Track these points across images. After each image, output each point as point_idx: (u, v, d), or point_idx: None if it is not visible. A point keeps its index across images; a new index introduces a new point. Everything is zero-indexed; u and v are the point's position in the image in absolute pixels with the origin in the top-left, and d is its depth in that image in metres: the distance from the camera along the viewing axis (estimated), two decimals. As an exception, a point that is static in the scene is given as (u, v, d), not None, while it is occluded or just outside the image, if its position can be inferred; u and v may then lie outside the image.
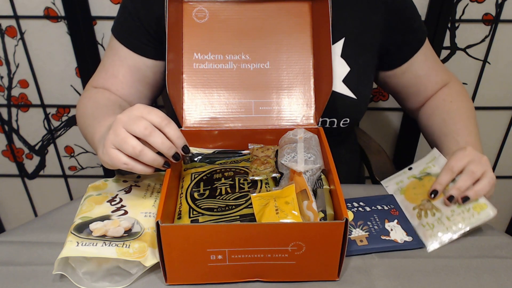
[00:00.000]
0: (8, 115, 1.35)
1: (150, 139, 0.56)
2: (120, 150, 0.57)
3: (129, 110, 0.58)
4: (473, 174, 0.66)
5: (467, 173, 0.66)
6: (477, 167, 0.67)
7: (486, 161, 0.68)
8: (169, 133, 0.58)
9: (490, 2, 1.15)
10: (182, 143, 0.60)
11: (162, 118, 0.58)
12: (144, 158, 0.57)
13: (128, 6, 0.79)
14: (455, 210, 0.66)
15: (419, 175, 0.74)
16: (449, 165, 0.68)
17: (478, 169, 0.66)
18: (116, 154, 0.57)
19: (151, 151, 0.57)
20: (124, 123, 0.56)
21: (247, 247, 0.55)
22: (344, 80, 0.79)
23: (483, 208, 0.65)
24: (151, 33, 0.78)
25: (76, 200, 0.71)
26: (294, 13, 0.75)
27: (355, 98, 0.80)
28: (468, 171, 0.67)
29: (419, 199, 0.69)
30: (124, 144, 0.56)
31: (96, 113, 0.72)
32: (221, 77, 0.74)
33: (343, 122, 0.81)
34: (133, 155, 0.56)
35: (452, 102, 0.85)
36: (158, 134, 0.57)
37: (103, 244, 0.57)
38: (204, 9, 0.75)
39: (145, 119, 0.57)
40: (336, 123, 0.81)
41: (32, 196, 1.55)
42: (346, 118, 0.81)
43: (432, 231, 0.64)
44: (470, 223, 0.64)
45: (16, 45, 1.22)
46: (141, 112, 0.57)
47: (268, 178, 0.66)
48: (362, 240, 0.64)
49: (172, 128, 0.58)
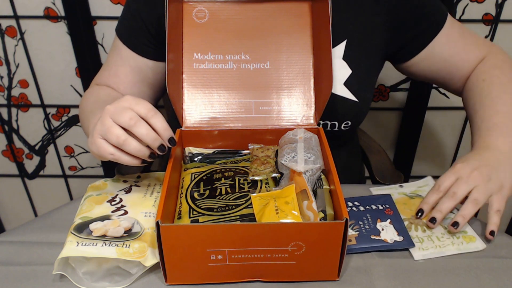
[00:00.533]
0: (8, 115, 1.35)
1: (134, 129, 0.56)
2: (106, 140, 0.57)
3: (118, 101, 0.58)
4: (454, 196, 0.64)
5: (448, 195, 0.64)
6: (460, 186, 0.64)
7: (475, 176, 0.64)
8: (155, 124, 0.58)
9: (490, 2, 1.15)
10: (168, 134, 0.59)
11: (148, 109, 0.57)
12: (128, 147, 0.56)
13: (131, 6, 0.79)
14: (445, 234, 0.65)
15: (409, 194, 0.74)
16: (437, 184, 0.66)
17: (461, 189, 0.64)
18: (103, 144, 0.57)
19: (136, 141, 0.57)
20: (111, 113, 0.57)
21: (247, 247, 0.55)
22: (345, 82, 0.79)
23: (472, 240, 0.64)
24: (153, 34, 0.78)
25: (76, 200, 0.71)
26: (294, 13, 0.75)
27: (356, 101, 0.79)
28: (450, 192, 0.64)
29: (409, 214, 0.69)
30: (108, 133, 0.56)
31: (94, 107, 0.73)
32: (221, 77, 0.74)
33: (344, 125, 0.81)
34: (117, 145, 0.56)
35: (485, 81, 0.77)
36: (143, 125, 0.56)
37: (103, 244, 0.57)
38: (204, 9, 0.75)
39: (132, 110, 0.57)
40: (337, 126, 0.80)
41: (32, 196, 1.55)
42: (347, 121, 0.80)
43: (421, 245, 0.64)
44: (459, 249, 0.63)
45: (16, 45, 1.22)
46: (129, 103, 0.57)
47: (268, 178, 0.66)
48: (351, 240, 0.64)
49: (158, 119, 0.58)
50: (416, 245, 0.63)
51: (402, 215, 0.68)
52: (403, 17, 0.78)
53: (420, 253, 0.63)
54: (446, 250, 0.63)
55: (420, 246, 0.63)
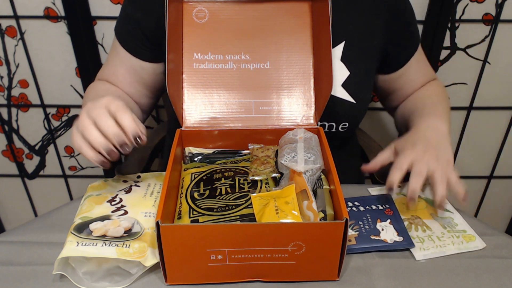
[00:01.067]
0: (8, 115, 1.35)
1: (98, 121, 0.57)
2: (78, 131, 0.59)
3: (98, 99, 0.60)
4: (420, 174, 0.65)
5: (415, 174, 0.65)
6: (422, 166, 0.65)
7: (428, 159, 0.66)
8: (121, 121, 0.58)
9: (490, 2, 1.15)
10: (133, 131, 0.58)
11: (118, 107, 0.58)
12: (89, 136, 0.57)
13: (127, 9, 0.80)
14: (445, 233, 0.66)
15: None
16: (397, 163, 0.67)
17: (423, 168, 0.65)
18: (74, 134, 0.59)
19: (98, 132, 0.57)
20: (88, 109, 0.59)
21: (247, 247, 0.55)
22: (344, 84, 0.79)
23: (472, 239, 0.65)
24: (148, 37, 0.78)
25: (76, 200, 0.71)
26: (294, 13, 0.75)
27: (354, 102, 0.79)
28: (415, 172, 0.65)
29: (409, 214, 0.70)
30: (80, 124, 0.58)
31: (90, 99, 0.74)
32: (221, 77, 0.74)
33: (341, 126, 0.81)
34: (81, 132, 0.58)
35: (427, 90, 0.87)
36: (108, 119, 0.57)
37: (103, 244, 0.57)
38: (204, 9, 0.75)
39: (104, 107, 0.58)
40: (334, 127, 0.81)
41: (32, 196, 1.55)
42: (345, 123, 0.81)
43: (422, 245, 0.64)
44: (459, 248, 0.64)
45: (16, 45, 1.22)
46: (105, 101, 0.59)
47: (268, 178, 0.66)
48: (351, 240, 0.64)
49: (125, 116, 0.58)
50: (417, 245, 0.64)
51: (402, 215, 0.68)
52: (397, 24, 0.80)
53: (421, 253, 0.63)
54: (446, 250, 0.63)
55: (421, 246, 0.64)
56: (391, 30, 0.80)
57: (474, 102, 1.31)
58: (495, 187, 1.50)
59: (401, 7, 0.80)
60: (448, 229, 0.67)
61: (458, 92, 1.29)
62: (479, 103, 1.32)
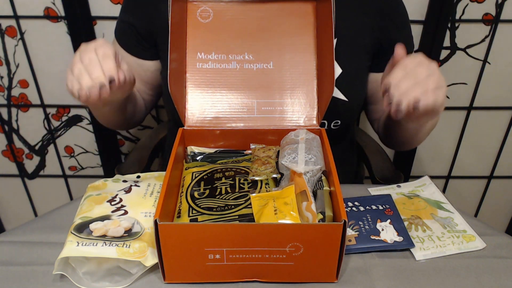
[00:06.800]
0: (8, 115, 1.35)
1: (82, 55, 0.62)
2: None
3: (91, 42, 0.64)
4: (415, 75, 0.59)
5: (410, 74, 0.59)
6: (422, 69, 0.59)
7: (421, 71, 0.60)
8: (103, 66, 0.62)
9: (490, 2, 1.15)
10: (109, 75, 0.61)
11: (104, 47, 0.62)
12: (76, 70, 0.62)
13: (121, 15, 0.84)
14: (445, 233, 0.66)
15: (408, 194, 0.74)
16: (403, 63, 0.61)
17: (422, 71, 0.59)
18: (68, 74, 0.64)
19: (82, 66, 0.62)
20: (81, 50, 0.64)
21: (244, 247, 0.54)
22: (336, 82, 0.78)
23: (472, 239, 0.65)
24: (144, 37, 0.81)
25: (76, 200, 0.71)
26: (298, 14, 0.75)
27: (346, 100, 0.79)
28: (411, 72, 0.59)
29: (409, 214, 0.70)
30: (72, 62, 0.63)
31: None
32: (224, 77, 0.74)
33: (333, 124, 0.81)
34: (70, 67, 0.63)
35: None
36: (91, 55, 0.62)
37: (103, 244, 0.57)
38: (208, 9, 0.75)
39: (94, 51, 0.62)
40: (326, 125, 0.81)
41: (32, 196, 1.55)
42: (337, 120, 0.81)
43: (422, 245, 0.64)
44: (459, 248, 0.64)
45: (16, 45, 1.22)
46: (95, 45, 0.63)
47: (269, 179, 0.66)
48: (351, 240, 0.64)
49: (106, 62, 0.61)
50: (417, 245, 0.64)
51: (402, 215, 0.68)
52: (387, 23, 0.79)
53: (421, 253, 0.63)
54: (447, 250, 0.63)
55: (421, 246, 0.64)
56: (382, 28, 0.79)
57: (474, 102, 1.31)
58: (495, 187, 1.50)
59: (392, 8, 0.80)
60: (448, 229, 0.67)
61: (458, 92, 1.29)
62: (479, 103, 1.32)
